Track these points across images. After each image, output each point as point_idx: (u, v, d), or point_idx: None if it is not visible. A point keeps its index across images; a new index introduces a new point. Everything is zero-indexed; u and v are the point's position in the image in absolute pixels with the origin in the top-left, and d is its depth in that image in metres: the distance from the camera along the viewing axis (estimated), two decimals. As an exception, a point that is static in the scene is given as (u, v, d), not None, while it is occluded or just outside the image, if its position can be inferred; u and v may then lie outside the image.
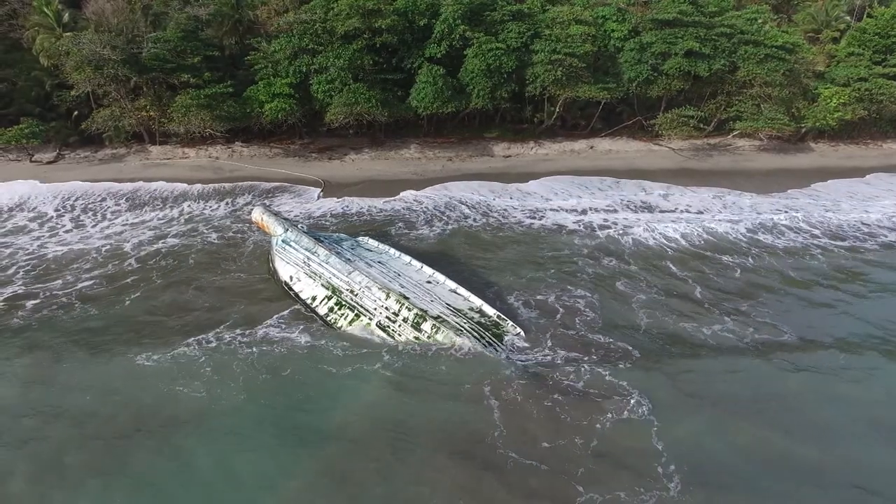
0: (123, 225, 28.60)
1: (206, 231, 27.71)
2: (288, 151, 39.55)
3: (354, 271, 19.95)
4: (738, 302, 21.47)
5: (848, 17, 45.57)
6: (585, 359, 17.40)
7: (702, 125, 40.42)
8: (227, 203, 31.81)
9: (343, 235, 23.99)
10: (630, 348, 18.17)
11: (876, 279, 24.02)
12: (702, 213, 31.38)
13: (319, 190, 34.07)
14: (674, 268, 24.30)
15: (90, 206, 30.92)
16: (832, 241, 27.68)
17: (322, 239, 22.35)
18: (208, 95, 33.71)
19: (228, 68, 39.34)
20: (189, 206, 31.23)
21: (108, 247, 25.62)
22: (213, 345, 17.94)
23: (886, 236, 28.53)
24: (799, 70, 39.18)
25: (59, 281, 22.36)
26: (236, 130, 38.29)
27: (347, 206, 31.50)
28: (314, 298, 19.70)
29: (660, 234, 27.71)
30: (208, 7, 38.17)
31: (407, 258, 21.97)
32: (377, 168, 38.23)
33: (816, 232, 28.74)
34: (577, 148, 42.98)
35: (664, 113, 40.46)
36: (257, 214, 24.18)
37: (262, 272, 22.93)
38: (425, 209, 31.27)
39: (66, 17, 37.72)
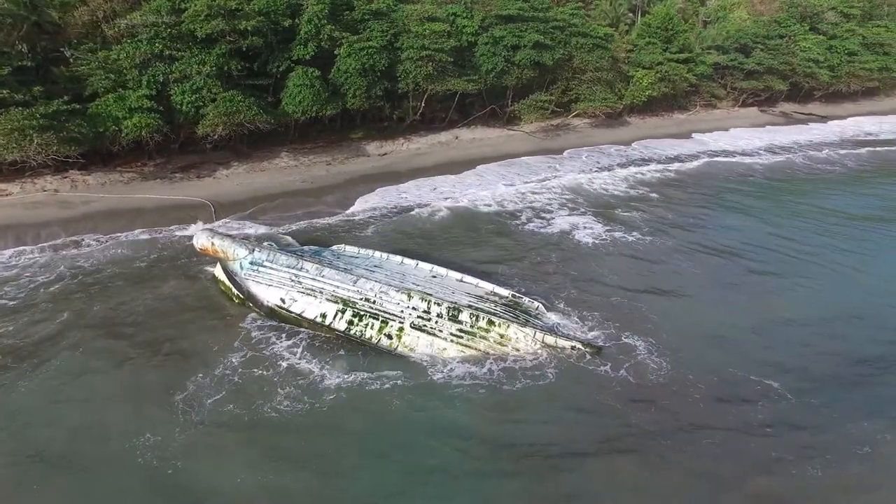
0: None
1: (88, 281, 22.63)
2: (144, 174, 33.91)
3: (360, 279, 18.73)
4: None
5: (631, 14, 55.10)
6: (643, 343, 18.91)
7: (547, 105, 45.31)
8: (97, 241, 26.48)
9: (315, 247, 21.99)
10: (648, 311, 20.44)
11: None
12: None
13: (210, 212, 30.22)
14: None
15: None
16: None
17: (299, 254, 20.29)
18: (47, 115, 27.28)
19: (38, 82, 32.00)
20: (49, 253, 25.14)
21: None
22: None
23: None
24: (616, 56, 46.41)
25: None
26: (70, 157, 31.41)
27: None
28: (324, 315, 18.05)
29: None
30: None
31: (398, 258, 21.15)
32: (260, 181, 35.11)
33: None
34: (444, 140, 44.78)
35: (520, 100, 44.45)
36: (204, 241, 20.81)
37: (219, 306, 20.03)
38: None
39: None
